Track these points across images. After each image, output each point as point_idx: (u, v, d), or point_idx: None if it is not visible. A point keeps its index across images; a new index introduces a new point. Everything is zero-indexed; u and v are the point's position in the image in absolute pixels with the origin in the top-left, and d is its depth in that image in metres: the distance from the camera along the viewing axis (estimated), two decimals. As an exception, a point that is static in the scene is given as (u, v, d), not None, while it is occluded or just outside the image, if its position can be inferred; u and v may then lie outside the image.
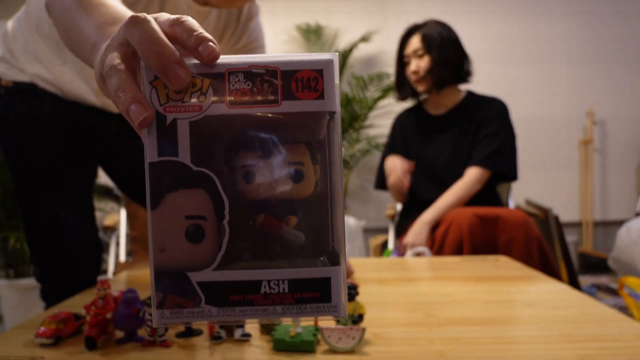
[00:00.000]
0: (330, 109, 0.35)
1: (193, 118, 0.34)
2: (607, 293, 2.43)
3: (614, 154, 3.56)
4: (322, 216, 0.35)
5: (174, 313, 0.35)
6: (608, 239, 3.57)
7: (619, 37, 3.53)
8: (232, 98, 0.34)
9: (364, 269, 1.14)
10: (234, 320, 0.36)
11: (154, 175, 0.34)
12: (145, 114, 0.34)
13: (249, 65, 0.34)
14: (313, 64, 0.35)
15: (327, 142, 0.35)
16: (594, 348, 0.63)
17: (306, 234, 0.35)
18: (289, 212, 0.35)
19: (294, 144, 0.35)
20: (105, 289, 0.69)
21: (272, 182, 0.34)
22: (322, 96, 0.35)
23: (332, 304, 0.35)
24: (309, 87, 0.34)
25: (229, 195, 0.34)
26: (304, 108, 0.34)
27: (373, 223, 3.53)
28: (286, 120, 0.35)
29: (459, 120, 1.75)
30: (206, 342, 0.68)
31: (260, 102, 0.34)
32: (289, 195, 0.35)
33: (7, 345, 0.68)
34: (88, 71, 0.97)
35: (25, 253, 2.27)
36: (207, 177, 0.34)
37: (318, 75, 0.35)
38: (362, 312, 0.68)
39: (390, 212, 2.22)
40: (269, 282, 0.35)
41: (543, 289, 0.93)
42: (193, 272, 0.35)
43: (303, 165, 0.35)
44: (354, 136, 3.35)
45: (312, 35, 3.47)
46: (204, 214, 0.34)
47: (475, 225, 1.43)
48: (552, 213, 1.91)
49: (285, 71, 0.34)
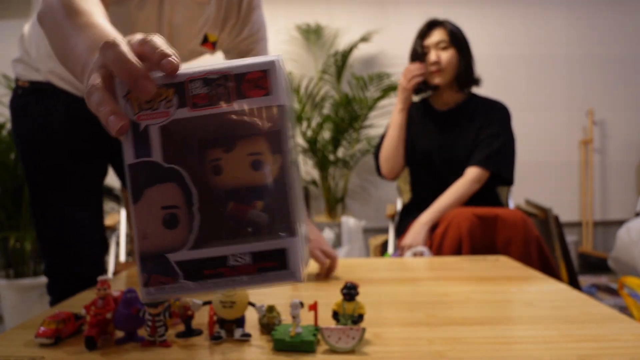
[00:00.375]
0: (278, 103, 0.40)
1: (162, 123, 0.40)
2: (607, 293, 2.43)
3: (614, 154, 3.56)
4: (282, 198, 0.40)
5: (157, 290, 0.42)
6: (608, 239, 3.57)
7: (619, 37, 3.53)
8: (194, 102, 0.40)
9: (364, 269, 1.14)
10: (208, 291, 0.41)
11: (133, 175, 0.41)
12: (121, 124, 0.40)
13: (205, 73, 0.40)
14: (259, 65, 0.40)
15: (280, 132, 0.40)
16: (594, 348, 0.63)
17: (269, 214, 0.40)
18: (256, 197, 0.40)
19: (252, 137, 0.40)
20: (105, 288, 0.69)
21: (237, 172, 0.40)
22: (270, 93, 0.40)
23: (290, 270, 0.40)
24: (258, 86, 0.40)
25: (198, 187, 0.40)
26: (255, 105, 0.40)
27: (373, 223, 3.53)
28: (242, 116, 0.40)
29: (461, 119, 1.75)
30: (206, 342, 0.68)
31: (218, 103, 0.40)
32: (253, 182, 0.40)
33: (7, 345, 0.68)
34: None
35: (26, 253, 2.27)
36: (177, 172, 0.40)
37: (264, 74, 0.40)
38: (362, 312, 0.68)
39: (390, 212, 2.22)
40: (234, 256, 0.40)
41: (543, 289, 0.93)
42: (171, 254, 0.41)
43: (262, 155, 0.40)
44: (354, 136, 3.35)
45: (312, 35, 3.47)
46: (177, 203, 0.40)
47: (475, 225, 1.43)
48: (552, 213, 1.91)
49: (236, 75, 0.40)
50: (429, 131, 1.78)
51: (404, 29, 3.52)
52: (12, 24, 3.42)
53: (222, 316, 0.67)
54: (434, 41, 1.72)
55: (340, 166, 3.37)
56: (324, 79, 3.40)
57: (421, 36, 1.77)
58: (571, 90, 3.56)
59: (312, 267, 1.21)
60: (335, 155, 3.34)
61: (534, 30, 3.54)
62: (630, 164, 3.56)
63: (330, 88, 3.43)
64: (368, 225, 3.42)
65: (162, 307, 0.66)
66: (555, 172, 3.57)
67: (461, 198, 1.61)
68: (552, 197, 3.54)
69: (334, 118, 3.26)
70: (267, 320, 0.70)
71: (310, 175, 3.54)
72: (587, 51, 3.54)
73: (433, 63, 1.71)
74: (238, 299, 0.66)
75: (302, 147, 3.37)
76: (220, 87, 0.40)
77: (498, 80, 3.33)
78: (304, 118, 3.24)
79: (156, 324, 0.66)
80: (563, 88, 3.56)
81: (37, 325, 0.69)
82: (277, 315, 0.71)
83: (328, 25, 3.49)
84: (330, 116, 3.26)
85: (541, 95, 3.55)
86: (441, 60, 1.70)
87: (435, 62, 1.70)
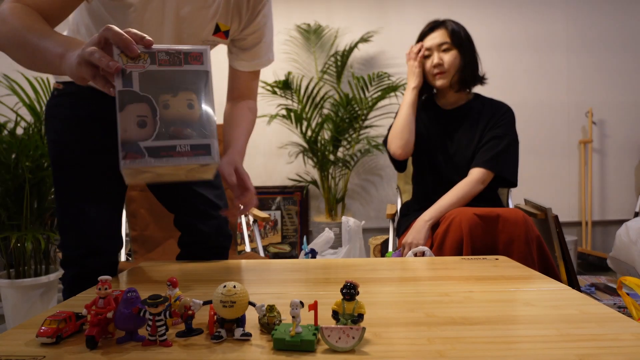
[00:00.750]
0: (205, 70, 0.73)
1: (140, 71, 0.70)
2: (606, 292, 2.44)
3: (613, 154, 3.56)
4: (204, 124, 0.73)
5: (131, 162, 0.68)
6: (607, 238, 3.58)
7: (618, 37, 3.53)
8: (160, 62, 0.71)
9: (364, 269, 1.15)
10: (162, 165, 0.69)
11: (120, 96, 0.68)
12: (117, 65, 0.70)
13: (168, 48, 0.72)
14: (199, 49, 0.74)
15: (205, 89, 0.73)
16: (593, 347, 0.63)
17: (197, 133, 0.72)
18: (187, 126, 0.72)
19: (189, 90, 0.71)
20: (106, 288, 0.70)
21: (179, 109, 0.70)
22: (203, 64, 0.73)
23: (212, 155, 0.73)
24: (197, 60, 0.72)
25: (158, 110, 0.69)
26: (194, 69, 0.72)
27: (373, 223, 3.53)
28: (185, 75, 0.71)
29: (465, 119, 1.75)
30: (206, 342, 0.68)
31: (172, 65, 0.71)
32: (188, 117, 0.71)
33: (8, 345, 0.68)
34: None
35: (27, 253, 2.28)
36: (147, 98, 0.69)
37: (201, 54, 0.74)
38: (362, 312, 0.68)
39: (390, 212, 2.22)
40: (180, 145, 0.71)
41: (542, 289, 0.94)
42: (141, 142, 0.69)
43: (193, 101, 0.71)
44: (354, 136, 3.35)
45: (312, 35, 3.47)
46: (146, 114, 0.70)
47: (476, 224, 1.43)
48: (552, 213, 1.91)
49: (185, 52, 0.73)
50: (434, 129, 1.78)
51: (404, 29, 3.53)
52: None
53: (222, 316, 0.68)
54: (436, 43, 1.71)
55: (340, 166, 3.37)
56: (324, 79, 3.40)
57: (422, 37, 1.77)
58: (571, 90, 3.56)
59: (312, 268, 1.21)
60: (335, 155, 3.34)
61: (533, 30, 3.54)
62: (630, 164, 3.56)
63: (330, 88, 3.44)
64: (368, 225, 3.42)
65: (162, 307, 0.66)
66: (555, 172, 3.57)
67: (464, 198, 1.61)
68: (551, 197, 3.54)
69: (334, 118, 3.26)
70: (267, 320, 0.70)
71: (310, 175, 3.54)
72: (586, 51, 3.55)
73: (436, 65, 1.71)
74: (238, 298, 0.66)
75: (302, 147, 3.37)
76: (176, 57, 0.69)
77: (498, 80, 3.33)
78: (304, 118, 3.24)
79: (157, 323, 0.66)
80: (563, 88, 3.56)
81: (38, 324, 0.69)
82: (277, 315, 0.71)
83: (328, 25, 3.49)
84: (330, 116, 3.27)
85: (541, 96, 3.55)
86: (444, 62, 1.70)
87: (438, 65, 1.70)
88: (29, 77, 2.41)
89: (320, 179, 3.38)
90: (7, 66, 3.07)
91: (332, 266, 1.19)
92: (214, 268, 1.19)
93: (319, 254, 2.80)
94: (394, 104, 3.40)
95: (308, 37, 3.49)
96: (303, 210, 3.58)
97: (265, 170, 3.59)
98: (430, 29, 1.76)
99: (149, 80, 0.65)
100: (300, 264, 1.24)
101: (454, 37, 1.70)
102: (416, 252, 1.45)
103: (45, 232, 2.35)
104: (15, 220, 2.32)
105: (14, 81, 2.40)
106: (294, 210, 3.59)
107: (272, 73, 3.49)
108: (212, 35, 1.17)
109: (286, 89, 3.24)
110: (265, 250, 3.49)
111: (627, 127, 3.55)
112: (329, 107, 3.37)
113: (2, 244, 2.38)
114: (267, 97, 3.36)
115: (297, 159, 3.55)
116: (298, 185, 3.57)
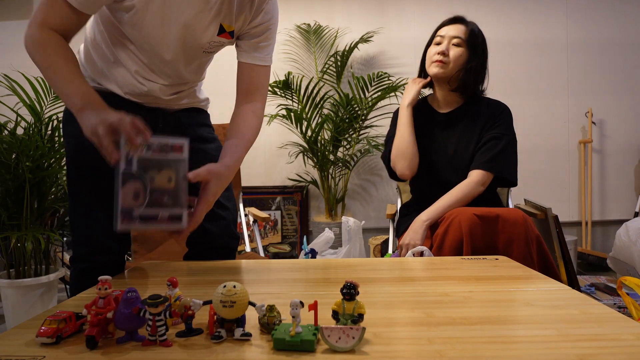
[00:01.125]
0: (183, 158, 0.93)
1: (138, 156, 0.89)
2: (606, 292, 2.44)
3: (613, 154, 3.56)
4: (178, 195, 0.94)
5: (126, 225, 0.90)
6: (607, 238, 3.58)
7: (618, 37, 3.53)
8: (152, 151, 0.89)
9: (364, 269, 1.15)
10: (146, 228, 0.94)
11: (123, 176, 0.87)
12: (116, 158, 0.89)
13: (159, 141, 0.91)
14: (181, 142, 0.93)
15: (182, 170, 0.94)
16: (593, 347, 0.63)
17: (173, 201, 0.94)
18: (166, 194, 0.92)
19: (171, 168, 0.91)
20: (106, 288, 0.70)
21: (161, 182, 0.90)
22: (182, 153, 0.93)
23: (182, 223, 0.97)
24: (179, 150, 0.92)
25: (148, 187, 0.88)
26: (176, 157, 0.91)
27: (373, 223, 3.53)
28: (168, 160, 0.90)
29: (463, 120, 1.74)
30: (206, 342, 0.68)
31: (161, 153, 0.90)
32: (167, 188, 0.91)
33: (8, 345, 0.68)
34: (134, 68, 1.20)
35: (27, 253, 2.28)
36: (142, 177, 0.87)
37: (182, 146, 0.92)
38: (362, 312, 0.68)
39: (390, 212, 2.22)
40: (161, 215, 0.93)
41: (542, 289, 0.94)
42: (134, 209, 0.90)
43: (172, 177, 0.90)
44: (354, 136, 3.35)
45: (312, 35, 3.47)
46: (139, 190, 0.89)
47: (475, 224, 1.43)
48: (552, 213, 1.91)
49: (171, 144, 0.92)
50: (430, 132, 1.77)
51: (404, 29, 3.53)
52: (12, 25, 3.42)
53: (222, 316, 0.68)
54: (451, 34, 1.68)
55: (340, 166, 3.37)
56: (324, 79, 3.40)
57: (440, 27, 1.73)
58: (570, 91, 3.56)
59: (312, 268, 1.21)
60: (335, 155, 3.34)
61: (534, 30, 3.55)
62: (629, 164, 3.56)
63: (330, 88, 3.44)
64: (368, 225, 3.43)
65: (162, 307, 0.66)
66: (555, 172, 3.57)
67: (463, 199, 1.61)
68: (551, 197, 3.55)
69: (334, 118, 3.26)
70: (267, 320, 0.70)
71: (310, 175, 3.54)
72: (586, 52, 3.55)
73: (440, 52, 1.67)
74: (238, 298, 0.66)
75: (302, 147, 3.37)
76: (164, 147, 0.89)
77: (497, 80, 3.33)
78: (304, 118, 3.24)
79: (157, 323, 0.66)
80: (562, 88, 3.56)
81: (38, 324, 0.69)
82: (277, 315, 0.71)
83: (328, 25, 3.50)
84: (330, 116, 3.27)
85: (540, 96, 3.55)
86: (449, 53, 1.67)
87: (442, 53, 1.67)
88: (30, 77, 2.41)
89: (320, 179, 3.38)
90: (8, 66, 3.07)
91: (332, 266, 1.20)
92: (214, 268, 1.19)
93: (319, 254, 2.80)
94: (394, 104, 3.40)
95: (308, 37, 3.50)
96: (303, 210, 3.58)
97: (265, 170, 3.59)
98: (451, 20, 1.73)
99: (144, 162, 0.84)
100: (300, 264, 1.24)
101: (471, 37, 1.67)
102: (415, 252, 1.45)
103: (46, 232, 2.35)
104: (15, 220, 2.32)
105: (15, 81, 2.40)
106: (294, 210, 3.59)
107: (272, 73, 3.49)
108: (217, 36, 1.16)
109: (286, 89, 3.24)
110: (265, 250, 3.50)
111: (627, 127, 3.55)
112: (329, 107, 3.37)
113: (2, 244, 2.38)
114: (267, 97, 3.36)
115: (297, 159, 3.55)
116: (298, 185, 3.57)
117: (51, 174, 2.37)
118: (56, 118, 2.43)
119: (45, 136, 2.42)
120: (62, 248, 2.86)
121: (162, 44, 1.13)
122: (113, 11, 1.10)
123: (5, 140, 2.24)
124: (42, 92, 2.45)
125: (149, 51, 1.15)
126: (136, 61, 1.18)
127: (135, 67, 1.18)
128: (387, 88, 3.21)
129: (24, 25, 1.02)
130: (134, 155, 0.88)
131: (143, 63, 1.18)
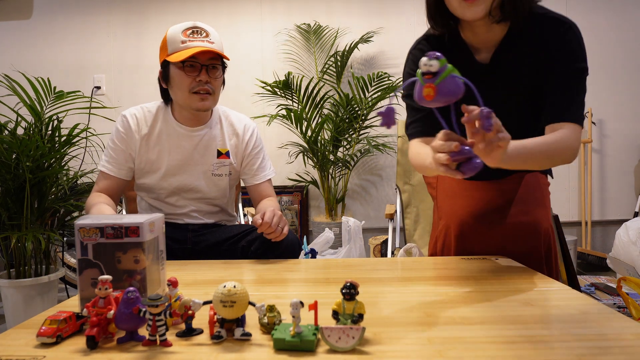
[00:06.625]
0: (143, 240, 0.81)
1: (93, 243, 0.81)
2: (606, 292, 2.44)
3: (613, 154, 3.56)
4: (144, 275, 0.82)
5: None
6: (607, 238, 3.58)
7: (617, 37, 3.53)
8: (107, 236, 0.81)
9: (364, 269, 1.15)
10: None
11: (80, 263, 0.81)
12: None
13: (113, 224, 0.82)
14: (136, 224, 0.81)
15: (144, 249, 0.81)
16: (593, 347, 0.63)
17: (140, 283, 0.81)
18: (137, 274, 0.81)
19: (137, 248, 0.81)
20: (106, 288, 0.70)
21: (127, 263, 0.81)
22: (139, 236, 0.81)
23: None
24: (134, 232, 0.81)
25: (109, 269, 0.81)
26: (132, 240, 0.81)
27: (373, 223, 3.53)
28: (131, 244, 0.81)
29: (511, 53, 1.31)
30: (206, 342, 0.68)
31: (116, 238, 0.81)
32: (134, 268, 0.81)
33: (8, 345, 0.68)
34: (168, 205, 1.54)
35: (27, 253, 2.28)
36: (98, 264, 0.81)
37: (138, 227, 0.81)
38: (362, 312, 0.68)
39: (390, 212, 2.22)
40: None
41: (542, 289, 0.94)
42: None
43: (138, 256, 0.81)
44: (354, 136, 3.35)
45: (312, 35, 3.47)
46: (96, 276, 0.79)
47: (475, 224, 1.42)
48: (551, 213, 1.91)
49: (126, 226, 0.82)
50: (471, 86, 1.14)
51: (404, 29, 3.53)
52: (12, 25, 3.42)
53: (222, 316, 0.68)
54: None
55: (340, 166, 3.37)
56: (324, 79, 3.40)
57: None
58: (571, 90, 3.56)
59: (312, 268, 1.21)
60: (335, 155, 3.34)
61: (533, 30, 3.54)
62: (629, 164, 3.56)
63: (330, 88, 3.44)
64: (368, 225, 3.42)
65: (162, 307, 0.66)
66: (555, 171, 3.57)
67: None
68: (551, 197, 3.54)
69: (334, 118, 3.26)
70: (268, 320, 0.70)
71: (310, 175, 3.54)
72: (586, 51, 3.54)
73: None
74: (238, 298, 0.67)
75: (302, 147, 3.37)
76: (119, 231, 0.81)
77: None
78: (304, 118, 3.25)
79: (157, 323, 0.66)
80: (563, 88, 3.56)
81: (39, 324, 0.69)
82: (277, 315, 0.71)
83: (328, 25, 3.50)
84: (330, 116, 3.27)
85: (541, 95, 3.55)
86: None
87: None
88: (30, 77, 2.41)
89: (320, 179, 3.38)
90: (8, 66, 3.07)
91: (332, 266, 1.20)
92: (214, 268, 1.19)
93: (319, 254, 2.80)
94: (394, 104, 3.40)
95: (308, 37, 3.50)
96: (303, 210, 3.58)
97: (265, 170, 3.58)
98: None
99: (100, 248, 0.82)
100: (300, 264, 1.24)
101: None
102: (405, 249, 1.43)
103: (46, 232, 2.35)
104: (15, 220, 2.32)
105: (15, 81, 2.40)
106: (294, 210, 3.59)
107: (272, 73, 3.50)
108: (217, 158, 1.49)
109: (286, 89, 3.24)
110: (265, 250, 3.49)
111: (627, 127, 3.55)
112: (329, 107, 3.37)
113: (3, 244, 2.38)
114: (267, 97, 3.36)
115: (297, 159, 3.55)
116: (298, 185, 3.57)
117: (51, 174, 2.36)
118: (56, 118, 2.43)
119: (45, 136, 2.42)
120: (63, 248, 2.86)
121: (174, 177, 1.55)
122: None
123: (6, 140, 2.24)
124: (43, 92, 2.45)
125: None
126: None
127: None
128: (387, 88, 3.21)
129: (24, 25, 1.02)
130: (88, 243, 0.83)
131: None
